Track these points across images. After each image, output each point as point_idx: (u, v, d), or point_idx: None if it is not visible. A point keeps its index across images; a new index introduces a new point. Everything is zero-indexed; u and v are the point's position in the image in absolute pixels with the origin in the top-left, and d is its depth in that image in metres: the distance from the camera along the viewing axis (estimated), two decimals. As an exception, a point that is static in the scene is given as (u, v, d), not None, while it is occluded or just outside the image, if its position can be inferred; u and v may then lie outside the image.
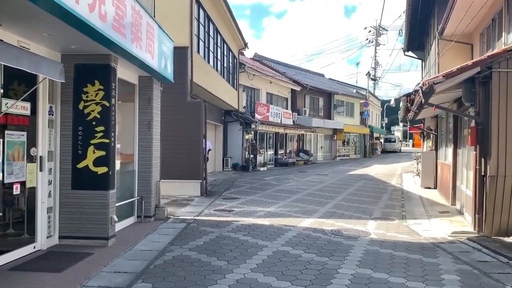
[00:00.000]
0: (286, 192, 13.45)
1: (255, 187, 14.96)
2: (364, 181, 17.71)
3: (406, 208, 10.76)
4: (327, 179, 18.48)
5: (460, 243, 6.97)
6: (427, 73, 15.06)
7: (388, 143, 53.75)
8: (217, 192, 13.31)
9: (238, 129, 23.23)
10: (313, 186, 15.29)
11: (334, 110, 37.35)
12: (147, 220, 8.47)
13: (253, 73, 24.91)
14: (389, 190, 14.80)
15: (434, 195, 13.14)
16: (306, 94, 33.55)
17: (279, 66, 34.91)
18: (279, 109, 27.94)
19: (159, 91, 9.03)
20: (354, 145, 42.57)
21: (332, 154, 37.10)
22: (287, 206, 10.65)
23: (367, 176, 20.61)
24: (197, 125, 12.46)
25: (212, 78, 16.78)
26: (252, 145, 23.94)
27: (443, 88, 7.90)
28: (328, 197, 12.44)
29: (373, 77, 47.51)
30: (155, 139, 8.73)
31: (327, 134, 36.20)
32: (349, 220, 8.93)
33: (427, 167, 15.12)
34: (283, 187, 15.04)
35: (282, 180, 17.65)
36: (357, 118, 41.89)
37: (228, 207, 10.41)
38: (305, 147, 32.59)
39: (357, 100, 41.66)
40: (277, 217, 9.11)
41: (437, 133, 14.94)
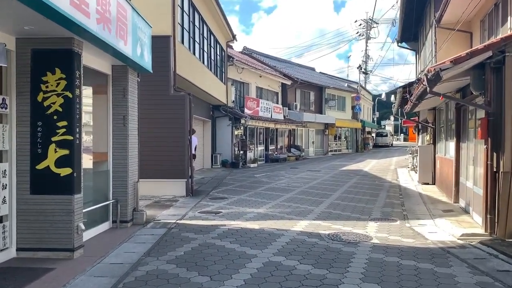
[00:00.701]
0: (277, 191, 12.66)
1: (245, 185, 14.15)
2: (358, 177, 16.99)
3: (407, 206, 10.03)
4: (320, 175, 17.73)
5: (472, 248, 6.23)
6: (430, 62, 14.33)
7: (380, 138, 53.23)
8: (204, 191, 12.48)
9: (227, 124, 22.39)
10: (306, 184, 14.53)
11: (326, 105, 36.63)
12: (124, 225, 7.62)
13: (242, 66, 24.04)
14: (385, 187, 14.09)
15: (433, 192, 12.44)
16: (297, 88, 32.77)
17: (269, 60, 34.06)
18: (269, 103, 27.13)
19: (135, 82, 8.16)
20: (346, 140, 41.94)
21: (324, 149, 36.41)
22: (279, 207, 9.85)
23: (361, 171, 19.91)
24: (181, 120, 11.59)
25: (199, 71, 15.90)
26: (241, 141, 23.11)
27: (450, 75, 7.14)
28: (323, 196, 11.67)
29: (364, 70, 46.95)
30: (131, 135, 7.87)
31: (318, 129, 35.49)
32: (347, 222, 8.15)
33: (424, 162, 14.44)
34: (274, 184, 14.25)
35: (273, 177, 16.87)
36: (348, 113, 41.24)
37: (215, 209, 9.59)
38: (296, 143, 31.85)
39: (348, 94, 40.98)
40: (268, 220, 8.31)
41: (435, 126, 14.25)
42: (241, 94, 25.16)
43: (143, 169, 11.42)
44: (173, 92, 11.68)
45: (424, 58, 18.64)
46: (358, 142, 43.32)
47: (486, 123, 6.95)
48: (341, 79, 46.55)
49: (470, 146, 8.78)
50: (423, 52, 19.43)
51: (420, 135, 21.29)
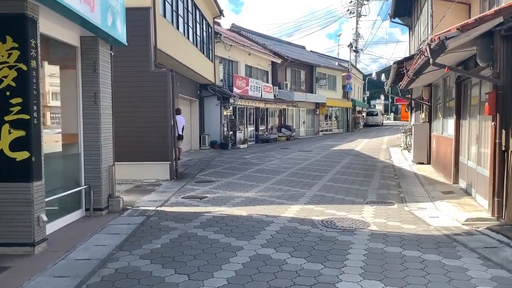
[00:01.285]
0: (267, 172, 12.04)
1: (234, 167, 13.50)
2: (351, 157, 16.43)
3: (403, 188, 9.48)
4: (311, 155, 17.14)
5: (480, 235, 5.68)
6: (426, 37, 13.61)
7: (371, 117, 52.79)
8: (190, 174, 11.81)
9: (216, 104, 21.60)
10: (297, 165, 13.92)
11: (316, 84, 35.86)
12: (98, 213, 6.94)
13: (230, 43, 23.10)
14: (379, 167, 13.54)
15: (430, 172, 11.92)
16: (287, 67, 31.91)
17: (258, 37, 33.06)
18: (259, 82, 26.31)
19: (108, 55, 7.36)
20: (336, 119, 41.36)
21: (314, 129, 35.83)
22: (269, 190, 9.23)
23: (353, 151, 19.36)
24: (164, 99, 10.82)
25: (183, 47, 15.03)
26: (231, 121, 22.38)
27: (456, 44, 6.46)
28: (315, 177, 11.07)
29: (355, 49, 46.09)
30: (104, 114, 7.11)
31: (309, 109, 34.81)
32: (341, 206, 7.57)
33: (419, 141, 13.88)
34: (265, 166, 13.62)
35: (264, 158, 16.24)
36: (339, 92, 40.55)
37: (200, 193, 8.94)
38: (287, 122, 31.17)
39: (339, 73, 40.21)
40: (257, 205, 7.68)
41: (430, 104, 13.65)
42: (229, 73, 24.29)
43: (123, 152, 10.74)
44: (154, 68, 10.87)
45: (419, 34, 17.92)
46: (349, 122, 42.79)
47: (494, 98, 6.32)
48: (331, 58, 45.70)
49: (473, 123, 8.18)
50: (417, 27, 18.69)
51: (413, 114, 20.74)
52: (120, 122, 10.62)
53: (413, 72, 9.00)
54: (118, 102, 10.52)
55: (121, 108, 10.60)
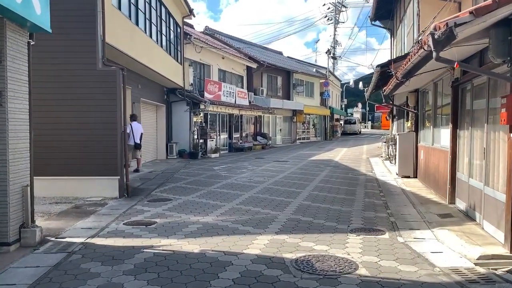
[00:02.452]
0: (236, 188, 10.51)
1: (199, 180, 11.92)
2: (330, 169, 15.07)
3: (392, 209, 8.09)
4: (287, 167, 15.70)
5: (503, 282, 4.29)
6: (418, 35, 12.37)
7: (349, 125, 52.00)
8: (146, 190, 10.18)
9: (185, 110, 19.99)
10: (271, 178, 12.44)
11: (294, 90, 34.66)
12: (4, 249, 5.27)
13: (200, 45, 21.58)
14: (361, 181, 12.19)
15: (418, 188, 10.62)
16: (263, 73, 30.57)
17: (234, 41, 31.65)
18: (233, 87, 24.83)
19: (24, 44, 5.72)
20: (314, 127, 40.20)
21: (292, 137, 34.52)
22: (234, 212, 7.70)
23: (332, 162, 18.04)
24: (112, 102, 9.18)
25: (144, 46, 13.43)
26: (201, 128, 20.77)
27: (467, 34, 5.12)
28: (290, 194, 9.61)
29: (333, 55, 45.21)
30: (15, 119, 5.46)
31: (286, 116, 33.51)
32: (320, 236, 6.09)
33: (405, 152, 12.62)
34: (234, 180, 12.08)
35: (235, 169, 14.70)
36: (317, 99, 39.46)
37: (149, 217, 7.34)
38: (263, 130, 29.76)
39: (317, 80, 39.13)
40: (215, 235, 6.13)
41: (417, 111, 12.41)
42: (201, 77, 22.75)
43: (65, 164, 9.05)
44: (101, 66, 9.23)
45: (402, 37, 16.81)
46: (327, 130, 41.73)
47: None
48: (309, 64, 44.65)
49: (477, 134, 6.86)
50: (400, 31, 17.59)
51: (394, 122, 19.62)
52: (58, 129, 8.99)
53: (404, 73, 7.66)
54: (55, 105, 8.93)
55: (61, 112, 8.99)
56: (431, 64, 6.24)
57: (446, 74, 8.63)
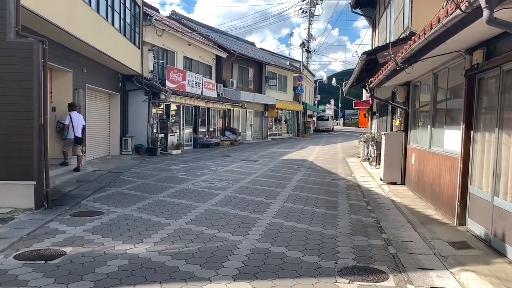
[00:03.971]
0: (190, 196, 8.50)
1: (148, 184, 9.84)
2: (304, 171, 13.25)
3: (387, 231, 6.29)
4: (256, 168, 13.79)
5: None
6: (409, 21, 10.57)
7: (321, 122, 50.61)
8: (76, 198, 8.03)
9: (143, 100, 17.75)
10: (236, 182, 10.49)
11: (266, 83, 32.76)
12: None
13: (162, 27, 19.29)
14: (342, 188, 10.40)
15: (410, 198, 8.91)
16: (234, 63, 28.51)
17: (203, 29, 29.42)
18: (200, 77, 22.67)
19: None
20: (286, 123, 38.48)
21: (263, 133, 32.67)
22: (180, 237, 5.70)
23: (306, 162, 16.25)
24: (27, 84, 6.97)
25: (89, 21, 11.17)
26: (161, 121, 18.55)
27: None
28: (257, 207, 7.68)
29: (307, 49, 43.55)
30: None
31: (257, 110, 31.61)
32: (298, 285, 4.19)
33: (391, 155, 10.91)
34: (191, 184, 10.06)
35: (195, 170, 12.66)
36: (290, 94, 37.73)
37: (60, 243, 5.25)
38: (232, 125, 27.74)
39: (290, 73, 37.38)
40: (142, 283, 4.13)
41: (407, 108, 10.71)
42: (164, 65, 20.46)
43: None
44: (13, 36, 6.98)
45: (387, 26, 15.14)
46: (300, 126, 40.15)
47: None
48: (283, 57, 42.82)
49: (507, 139, 5.11)
50: (383, 18, 15.95)
51: (374, 120, 18.03)
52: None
53: (413, 53, 5.83)
54: None
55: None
56: (459, 39, 4.42)
57: (455, 62, 6.89)
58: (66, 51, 11.24)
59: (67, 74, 11.77)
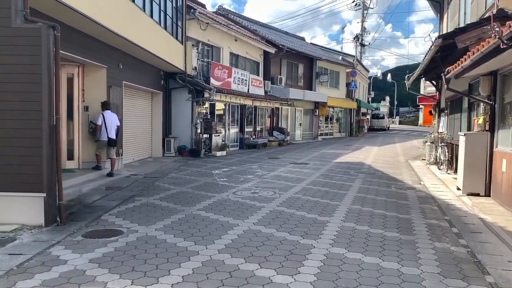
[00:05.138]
0: (228, 211, 7.12)
1: (183, 194, 8.60)
2: (363, 178, 11.52)
3: (491, 269, 4.55)
4: (306, 172, 12.22)
5: None
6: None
7: (376, 120, 47.88)
8: (97, 211, 6.90)
9: (186, 98, 16.70)
10: (283, 191, 9.01)
11: (317, 80, 30.95)
12: None
13: (206, 21, 18.15)
14: (413, 200, 8.62)
15: (504, 217, 6.99)
16: (283, 59, 26.99)
17: (250, 23, 28.14)
18: (246, 74, 21.37)
19: None
20: (338, 121, 36.42)
21: (313, 132, 30.90)
22: (209, 274, 4.30)
23: (364, 166, 14.46)
24: (35, 78, 5.88)
25: (124, 12, 10.14)
26: (206, 121, 17.43)
27: None
28: (310, 229, 6.15)
29: (361, 42, 41.12)
30: None
31: (307, 109, 29.89)
32: None
33: (473, 159, 8.98)
34: (232, 193, 8.71)
35: (238, 175, 11.32)
36: (342, 90, 35.64)
37: (53, 280, 4.04)
38: (280, 124, 26.25)
39: (343, 69, 35.28)
40: None
41: (493, 103, 8.73)
42: (209, 62, 19.35)
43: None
44: (21, 22, 5.91)
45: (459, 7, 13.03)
46: (353, 125, 37.91)
47: None
48: (335, 51, 40.70)
49: None
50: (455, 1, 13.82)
51: (443, 117, 15.86)
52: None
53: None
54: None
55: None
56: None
57: None
58: (98, 45, 10.27)
59: (100, 70, 10.82)
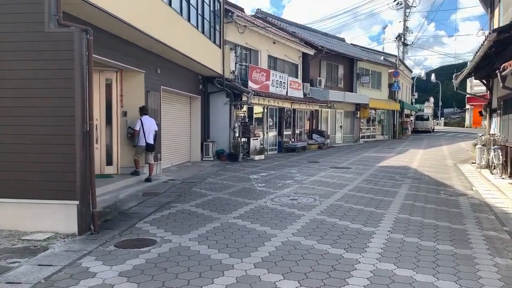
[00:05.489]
0: (266, 219, 6.76)
1: (220, 199, 8.33)
2: (410, 183, 10.84)
3: None
4: (348, 178, 11.67)
5: None
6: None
7: (420, 122, 46.04)
8: (132, 218, 6.74)
9: (224, 102, 16.54)
10: (324, 198, 8.55)
11: (358, 81, 30.09)
12: None
13: (243, 23, 17.94)
14: (466, 209, 7.91)
15: None
16: (322, 60, 26.40)
17: (288, 26, 27.74)
18: (284, 76, 20.97)
19: None
20: (380, 123, 35.27)
21: (354, 135, 30.02)
22: (244, 289, 3.99)
23: (410, 170, 13.70)
24: (67, 83, 5.77)
25: (160, 15, 10.06)
26: (243, 124, 17.21)
27: None
28: (354, 240, 5.68)
29: (403, 41, 39.72)
30: None
31: (348, 111, 29.08)
32: None
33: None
34: (269, 199, 8.35)
35: (276, 180, 10.95)
36: (385, 91, 34.49)
37: (80, 295, 3.84)
38: (320, 127, 25.65)
39: (385, 69, 34.17)
40: None
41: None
42: (247, 65, 19.14)
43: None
44: (54, 27, 5.84)
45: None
46: (396, 127, 36.59)
47: None
48: (376, 52, 39.51)
49: None
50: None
51: (494, 118, 14.83)
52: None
53: None
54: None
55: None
56: None
57: None
58: (136, 50, 10.24)
59: (138, 75, 10.79)
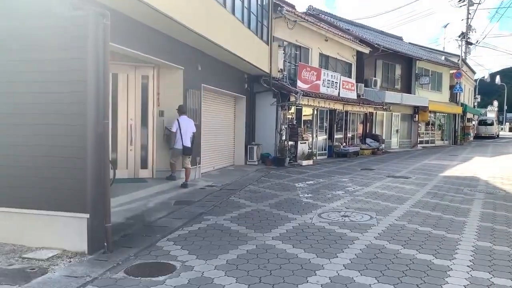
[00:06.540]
0: (311, 242, 5.60)
1: (258, 213, 7.26)
2: (483, 198, 9.23)
3: None
4: (409, 190, 10.20)
5: None
6: None
7: (484, 127, 42.66)
8: (155, 233, 5.82)
9: (271, 103, 15.49)
10: (382, 216, 7.24)
11: (416, 82, 27.98)
12: None
13: (293, 18, 16.78)
14: (561, 235, 6.35)
15: None
16: (378, 59, 24.69)
17: (343, 23, 26.26)
18: (337, 76, 19.56)
19: None
20: (440, 128, 32.75)
21: (411, 140, 27.92)
22: None
23: (479, 182, 11.94)
24: (80, 74, 4.94)
25: (202, 7, 9.17)
26: (291, 127, 16.05)
27: None
28: (424, 279, 4.42)
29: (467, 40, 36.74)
30: None
31: (405, 114, 27.06)
32: None
33: None
34: (316, 216, 7.17)
35: (325, 190, 9.72)
36: (445, 93, 31.99)
37: None
38: (374, 131, 23.94)
39: (446, 70, 31.67)
40: None
41: None
42: (296, 63, 17.98)
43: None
44: (69, 10, 5.03)
45: None
46: (457, 132, 33.87)
47: None
48: (436, 51, 36.88)
49: None
50: None
51: None
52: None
53: None
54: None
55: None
56: None
57: None
58: (174, 44, 9.43)
59: (177, 72, 9.98)
